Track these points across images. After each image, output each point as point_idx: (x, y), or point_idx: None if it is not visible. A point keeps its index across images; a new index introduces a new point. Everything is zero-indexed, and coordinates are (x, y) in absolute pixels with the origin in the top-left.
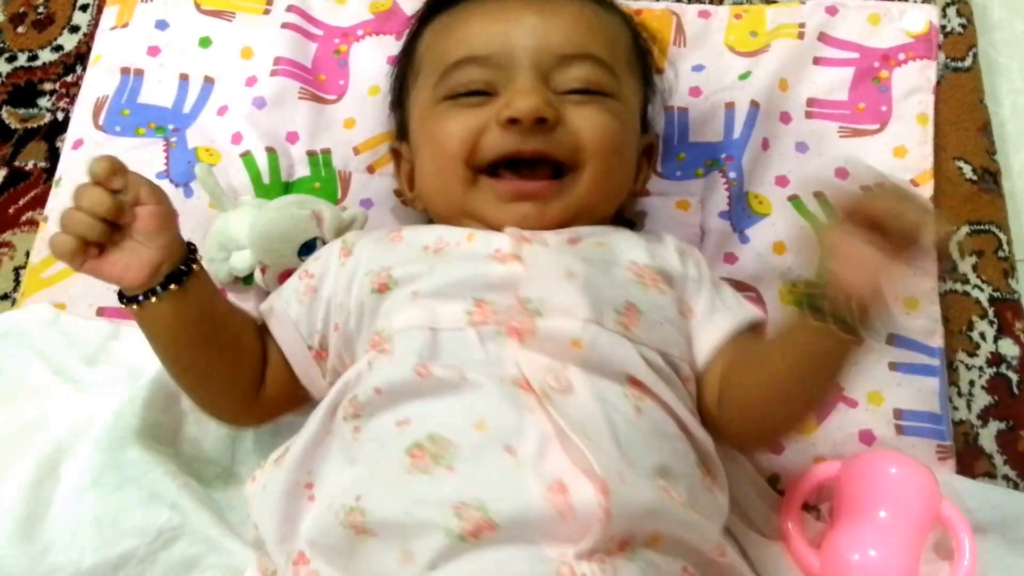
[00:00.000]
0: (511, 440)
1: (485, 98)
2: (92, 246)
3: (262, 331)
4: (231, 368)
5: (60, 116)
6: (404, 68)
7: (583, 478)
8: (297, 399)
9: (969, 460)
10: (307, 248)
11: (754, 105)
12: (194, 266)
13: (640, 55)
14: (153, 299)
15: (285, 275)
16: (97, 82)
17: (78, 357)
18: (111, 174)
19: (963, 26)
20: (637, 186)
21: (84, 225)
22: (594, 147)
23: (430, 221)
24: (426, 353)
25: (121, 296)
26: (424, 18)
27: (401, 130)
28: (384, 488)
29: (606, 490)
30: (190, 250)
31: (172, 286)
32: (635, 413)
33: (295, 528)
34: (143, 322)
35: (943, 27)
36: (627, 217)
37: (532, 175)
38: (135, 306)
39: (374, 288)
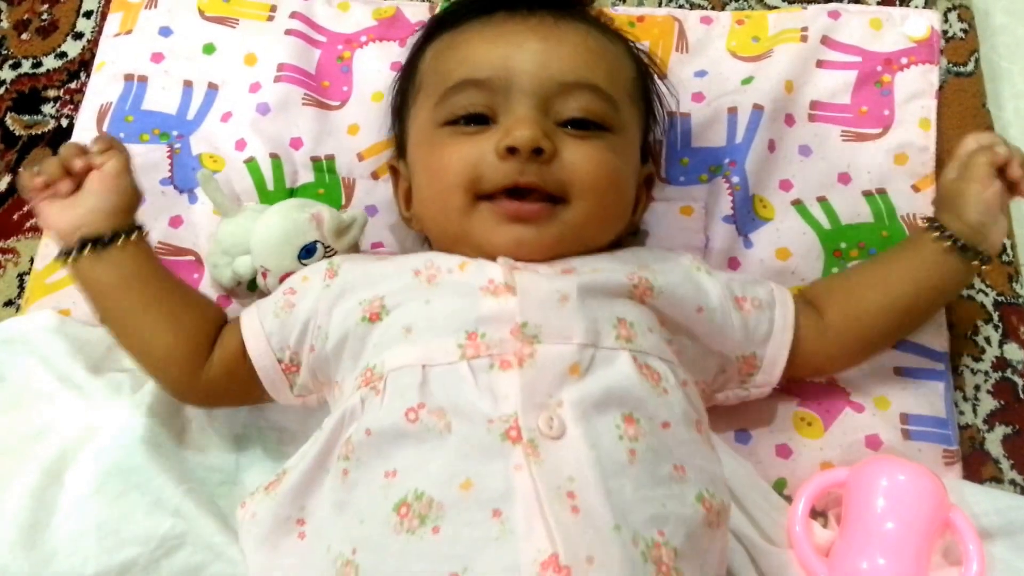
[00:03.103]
0: (498, 503)
1: (483, 126)
2: (50, 188)
3: (222, 320)
4: (165, 345)
5: (64, 123)
6: (406, 84)
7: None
8: (252, 397)
9: (976, 465)
10: (307, 251)
11: (757, 109)
12: (122, 239)
13: (643, 84)
14: (73, 256)
15: (286, 279)
16: (101, 89)
17: (82, 363)
18: (96, 143)
19: (964, 31)
20: (635, 217)
21: (49, 165)
22: (588, 183)
23: (426, 241)
24: (416, 393)
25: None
26: (428, 35)
27: (400, 148)
28: (376, 550)
29: None
30: (135, 227)
31: (86, 250)
32: (628, 460)
33: (279, 562)
34: (73, 278)
35: (944, 32)
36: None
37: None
38: (63, 259)
39: (365, 317)
